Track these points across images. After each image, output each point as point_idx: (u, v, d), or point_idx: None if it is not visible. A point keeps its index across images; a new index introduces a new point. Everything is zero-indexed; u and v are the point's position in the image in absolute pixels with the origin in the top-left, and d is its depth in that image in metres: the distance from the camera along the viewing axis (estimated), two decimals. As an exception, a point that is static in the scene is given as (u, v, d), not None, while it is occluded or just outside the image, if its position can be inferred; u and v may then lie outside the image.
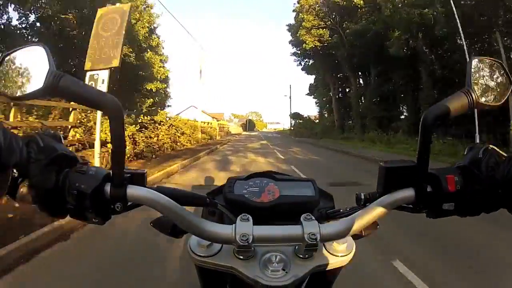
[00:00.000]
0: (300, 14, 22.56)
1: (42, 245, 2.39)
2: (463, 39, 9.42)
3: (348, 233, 0.41)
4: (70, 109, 5.88)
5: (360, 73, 22.55)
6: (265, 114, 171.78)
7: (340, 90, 26.97)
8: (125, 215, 0.42)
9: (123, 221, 2.69)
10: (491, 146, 0.40)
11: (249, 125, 74.82)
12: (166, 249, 2.37)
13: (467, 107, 0.38)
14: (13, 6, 12.77)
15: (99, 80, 4.54)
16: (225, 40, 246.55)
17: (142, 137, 8.08)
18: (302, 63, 29.22)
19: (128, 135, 7.34)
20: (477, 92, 0.38)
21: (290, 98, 37.82)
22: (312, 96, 33.76)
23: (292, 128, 35.74)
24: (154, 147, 8.61)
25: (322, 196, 0.52)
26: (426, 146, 0.38)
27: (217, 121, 39.69)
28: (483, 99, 0.38)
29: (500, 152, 0.39)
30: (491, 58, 0.41)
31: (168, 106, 34.92)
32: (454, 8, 9.37)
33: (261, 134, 39.33)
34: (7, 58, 0.36)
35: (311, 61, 27.39)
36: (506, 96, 0.40)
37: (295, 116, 35.17)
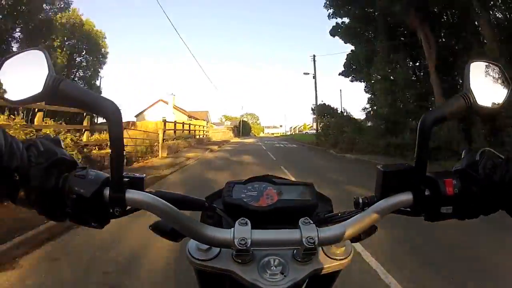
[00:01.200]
0: None
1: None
2: None
3: (346, 237, 0.41)
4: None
5: None
6: (261, 117, 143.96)
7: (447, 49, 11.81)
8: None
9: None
10: (487, 148, 0.41)
11: (243, 128, 53.75)
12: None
13: (465, 110, 0.38)
14: None
15: None
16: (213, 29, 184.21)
17: None
18: (342, 13, 14.84)
19: None
20: (475, 95, 0.38)
21: (314, 77, 21.55)
22: (350, 77, 19.08)
23: (323, 132, 19.51)
24: None
25: (321, 200, 0.52)
26: (424, 150, 0.39)
27: (193, 119, 25.45)
28: (481, 102, 0.38)
29: (497, 154, 0.40)
30: (490, 61, 0.41)
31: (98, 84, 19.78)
32: None
33: (263, 144, 21.65)
34: (6, 62, 0.37)
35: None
36: (505, 99, 0.39)
37: (323, 110, 19.44)
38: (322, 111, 19.83)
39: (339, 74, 19.01)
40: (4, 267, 2.14)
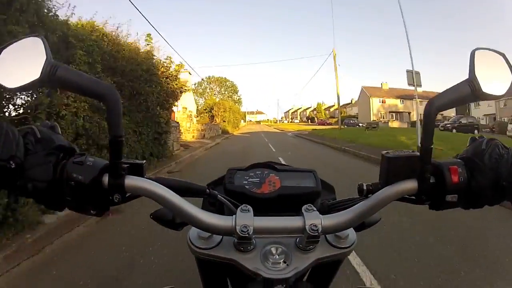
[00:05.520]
0: None
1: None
2: None
3: (350, 225, 0.40)
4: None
5: None
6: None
7: None
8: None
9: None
10: (494, 138, 0.41)
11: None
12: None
13: (470, 97, 0.38)
14: None
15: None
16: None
17: None
18: None
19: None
20: (480, 83, 0.38)
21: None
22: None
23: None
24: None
25: (324, 187, 0.52)
26: (429, 137, 0.38)
27: None
28: (486, 90, 0.38)
29: (503, 144, 0.40)
30: (494, 50, 0.41)
31: None
32: None
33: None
34: (4, 51, 0.36)
35: None
36: (508, 87, 0.39)
37: None
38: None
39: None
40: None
